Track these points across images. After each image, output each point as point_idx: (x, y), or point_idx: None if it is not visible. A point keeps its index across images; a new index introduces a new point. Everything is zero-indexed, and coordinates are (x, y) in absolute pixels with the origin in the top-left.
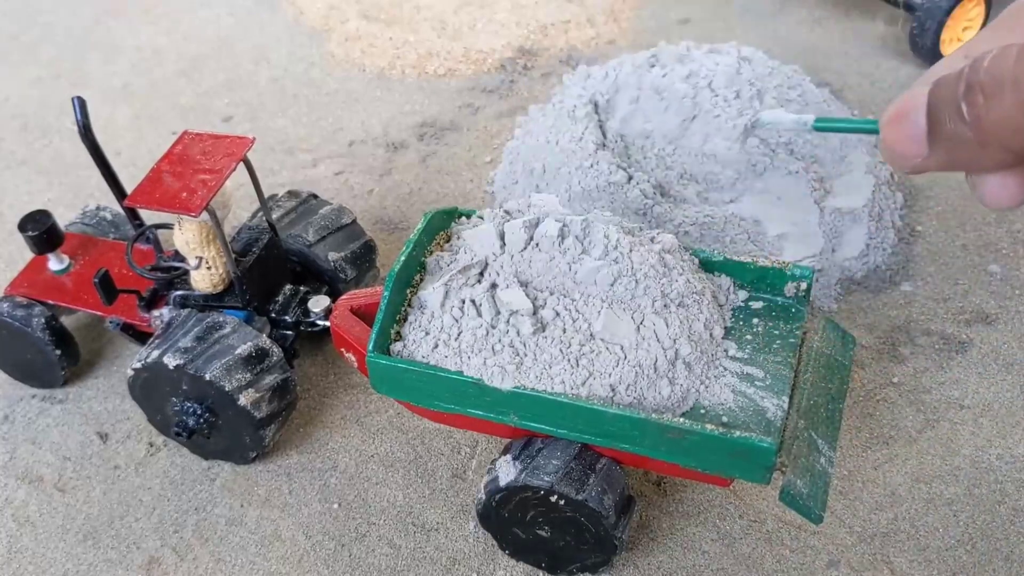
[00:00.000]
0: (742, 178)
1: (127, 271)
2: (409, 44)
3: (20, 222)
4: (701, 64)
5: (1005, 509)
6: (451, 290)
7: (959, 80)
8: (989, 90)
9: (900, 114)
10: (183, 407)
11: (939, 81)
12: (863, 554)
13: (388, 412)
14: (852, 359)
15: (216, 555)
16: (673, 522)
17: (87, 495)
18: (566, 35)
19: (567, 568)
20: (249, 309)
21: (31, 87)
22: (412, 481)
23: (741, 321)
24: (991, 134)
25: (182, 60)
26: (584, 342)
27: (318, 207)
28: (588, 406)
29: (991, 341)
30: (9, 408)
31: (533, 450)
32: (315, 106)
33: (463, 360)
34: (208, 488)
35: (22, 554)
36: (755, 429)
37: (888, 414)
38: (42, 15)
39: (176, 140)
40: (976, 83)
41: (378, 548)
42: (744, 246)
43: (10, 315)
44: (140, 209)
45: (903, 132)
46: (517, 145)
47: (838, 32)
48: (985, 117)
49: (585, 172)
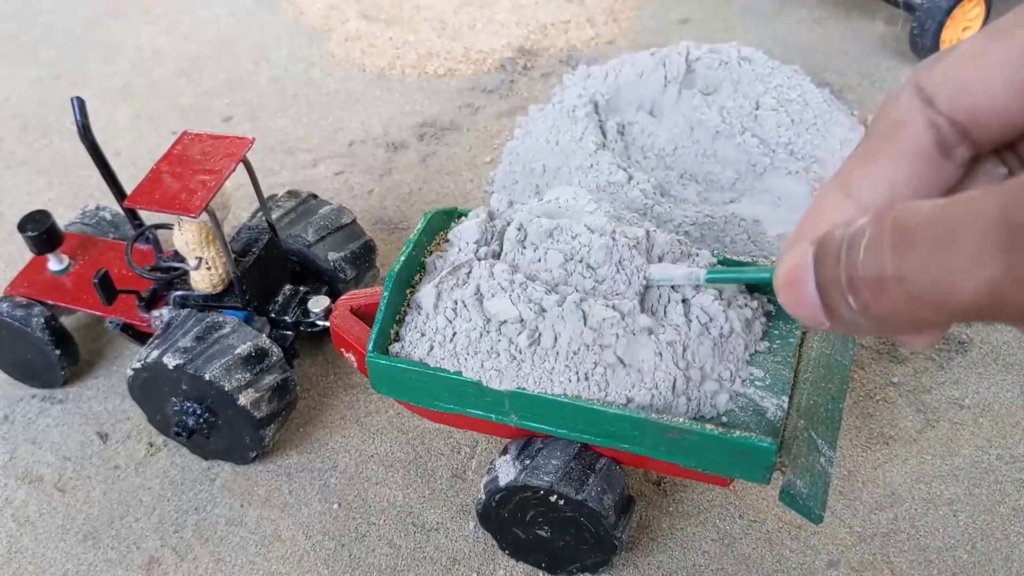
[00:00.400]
0: (742, 178)
1: (127, 271)
2: (409, 44)
3: (20, 222)
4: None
5: (1005, 509)
6: (443, 291)
7: (839, 267)
8: (873, 288)
9: (790, 282)
10: (183, 407)
11: (820, 256)
12: (863, 554)
13: (388, 412)
14: (852, 359)
15: (216, 555)
16: (673, 522)
17: (87, 495)
18: (566, 35)
19: (567, 568)
20: (249, 309)
21: (31, 87)
22: (412, 481)
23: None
24: (884, 323)
25: (182, 60)
26: (597, 362)
27: (318, 207)
28: (588, 406)
29: (991, 341)
30: (9, 408)
31: (533, 450)
32: (315, 106)
33: (460, 362)
34: (208, 488)
35: (22, 554)
36: (755, 429)
37: (888, 414)
38: (42, 15)
39: (176, 140)
40: (857, 279)
41: (378, 548)
42: (744, 246)
43: (10, 315)
44: (140, 209)
45: (798, 302)
46: (517, 145)
47: (838, 32)
48: (874, 310)
49: (585, 172)
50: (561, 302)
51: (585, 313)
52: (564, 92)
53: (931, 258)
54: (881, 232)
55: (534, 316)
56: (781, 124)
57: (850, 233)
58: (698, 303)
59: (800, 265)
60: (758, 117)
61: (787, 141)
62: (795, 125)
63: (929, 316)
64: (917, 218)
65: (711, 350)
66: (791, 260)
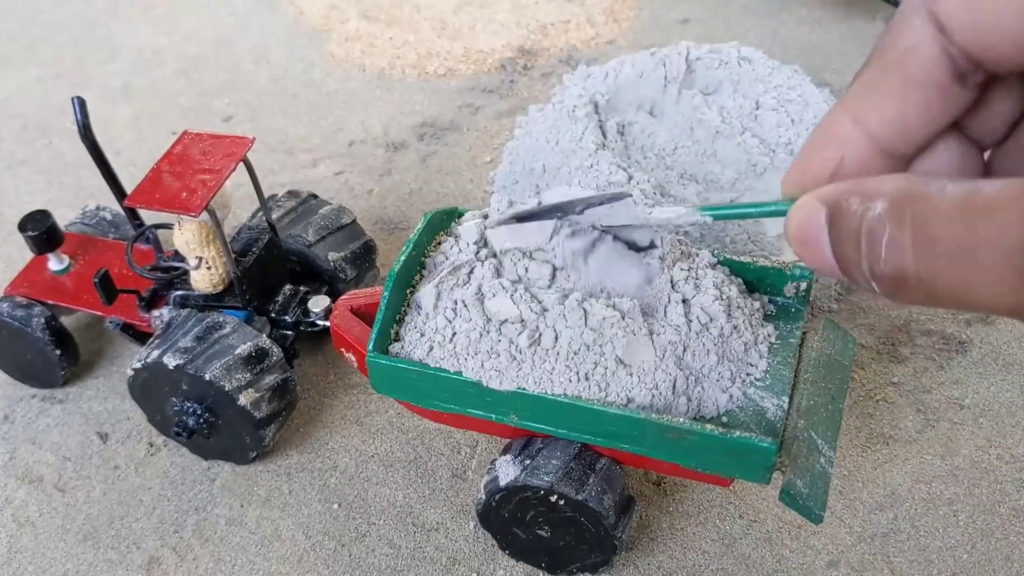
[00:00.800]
0: (742, 178)
1: (127, 271)
2: (409, 44)
3: (20, 222)
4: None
5: (1005, 509)
6: (443, 291)
7: (859, 254)
8: (895, 281)
9: (804, 239)
10: (183, 407)
11: (836, 228)
12: (863, 554)
13: (388, 412)
14: (852, 359)
15: (216, 555)
16: (673, 522)
17: (87, 495)
18: (566, 35)
19: (567, 568)
20: (249, 309)
21: (31, 87)
22: (412, 481)
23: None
24: (904, 305)
25: (182, 60)
26: (598, 362)
27: (318, 207)
28: (588, 406)
29: (991, 341)
30: (9, 408)
31: (533, 450)
32: (315, 106)
33: (460, 362)
34: (208, 488)
35: (22, 554)
36: (755, 429)
37: (888, 414)
38: (42, 15)
39: (176, 140)
40: (878, 272)
41: (378, 548)
42: (744, 246)
43: (10, 315)
44: (140, 209)
45: (813, 259)
46: (517, 145)
47: (838, 32)
48: (898, 300)
49: (585, 172)
50: (562, 300)
51: (586, 312)
52: (564, 92)
53: (952, 269)
54: (901, 231)
55: (535, 316)
56: (781, 124)
57: (868, 223)
58: (698, 303)
59: (813, 224)
60: (758, 117)
61: (787, 141)
62: (795, 125)
63: (950, 308)
64: (938, 220)
65: (711, 350)
66: (804, 215)
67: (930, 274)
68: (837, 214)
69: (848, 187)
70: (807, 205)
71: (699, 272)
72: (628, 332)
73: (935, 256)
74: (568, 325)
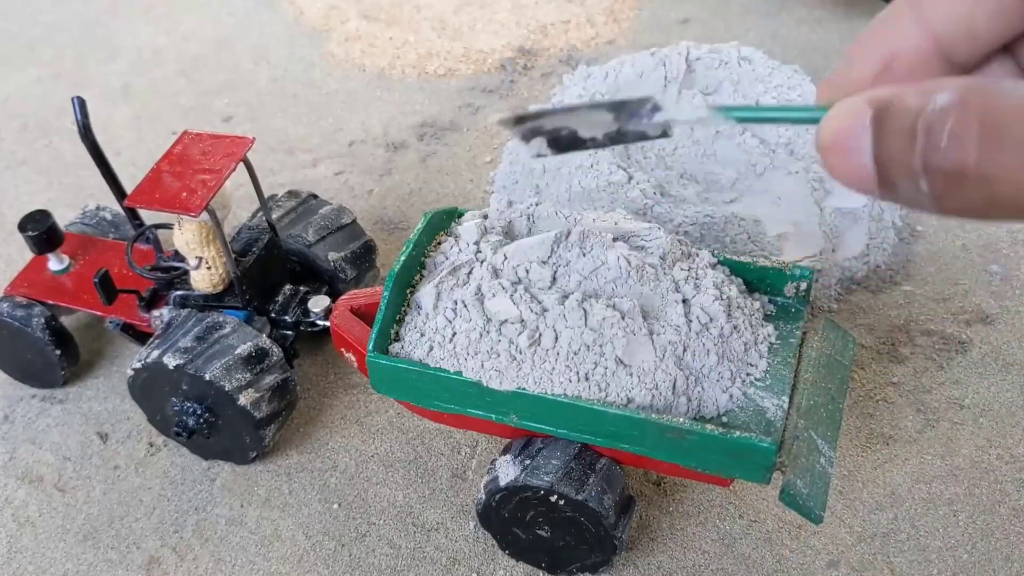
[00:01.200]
0: (742, 178)
1: (127, 271)
2: (409, 44)
3: (20, 222)
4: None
5: (1005, 509)
6: (443, 291)
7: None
8: (951, 180)
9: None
10: (183, 407)
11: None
12: (863, 554)
13: (388, 412)
14: (852, 359)
15: (216, 555)
16: (673, 522)
17: (87, 495)
18: (566, 35)
19: (567, 568)
20: (249, 309)
21: (31, 87)
22: (412, 481)
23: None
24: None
25: (182, 60)
26: (597, 362)
27: (318, 207)
28: (588, 406)
29: (991, 341)
30: (9, 408)
31: (533, 450)
32: (315, 106)
33: (460, 362)
34: (208, 488)
35: (22, 554)
36: (755, 429)
37: (888, 414)
38: (42, 15)
39: (176, 140)
40: (934, 167)
41: (378, 548)
42: (744, 246)
43: (10, 315)
44: (140, 209)
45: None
46: (517, 145)
47: (838, 32)
48: (946, 200)
49: (585, 172)
50: (562, 301)
51: (586, 312)
52: (564, 92)
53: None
54: (966, 121)
55: (535, 316)
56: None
57: (927, 116)
58: (698, 303)
59: (855, 127)
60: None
61: (787, 141)
62: (795, 125)
63: (1003, 215)
64: (1009, 112)
65: (711, 350)
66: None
67: (993, 171)
68: (886, 113)
69: (901, 88)
70: (850, 105)
71: (699, 272)
72: (628, 332)
73: (1002, 152)
74: (568, 325)
